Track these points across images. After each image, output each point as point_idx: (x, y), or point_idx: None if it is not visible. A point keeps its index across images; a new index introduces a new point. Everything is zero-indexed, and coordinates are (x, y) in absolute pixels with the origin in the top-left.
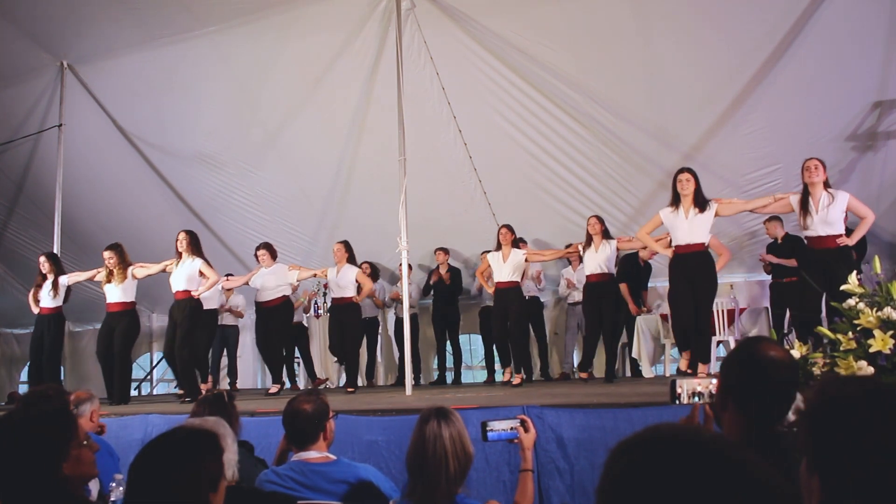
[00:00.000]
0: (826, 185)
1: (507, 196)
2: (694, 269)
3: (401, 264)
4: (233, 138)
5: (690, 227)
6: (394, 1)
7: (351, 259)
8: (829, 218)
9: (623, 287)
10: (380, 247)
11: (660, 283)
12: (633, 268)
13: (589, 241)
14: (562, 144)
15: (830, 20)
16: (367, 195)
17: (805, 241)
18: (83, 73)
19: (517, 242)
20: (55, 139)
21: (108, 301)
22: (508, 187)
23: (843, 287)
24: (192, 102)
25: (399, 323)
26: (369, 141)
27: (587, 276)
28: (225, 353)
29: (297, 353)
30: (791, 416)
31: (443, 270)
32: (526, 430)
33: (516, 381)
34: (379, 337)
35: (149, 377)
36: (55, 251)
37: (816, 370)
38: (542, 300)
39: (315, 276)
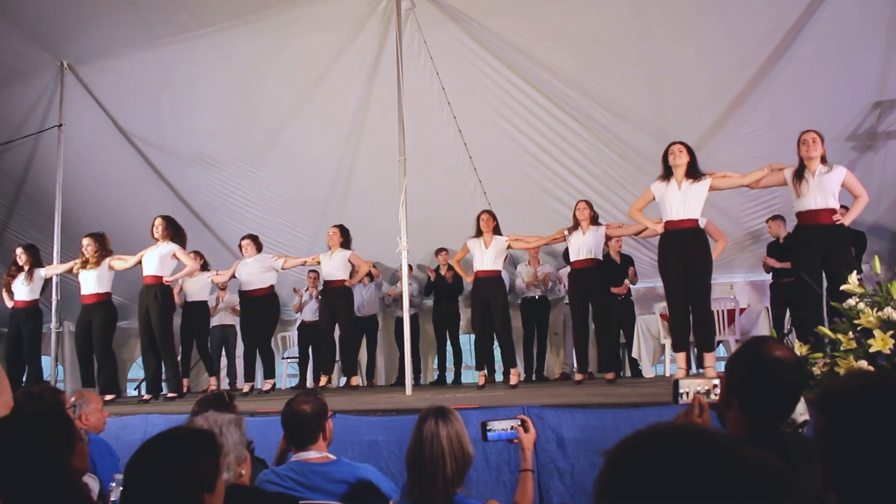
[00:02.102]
0: (823, 159)
1: (507, 196)
2: (687, 245)
3: (401, 264)
4: (233, 138)
5: (684, 199)
6: (394, 1)
7: (345, 244)
8: (824, 184)
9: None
10: (380, 247)
11: (659, 283)
12: (607, 266)
13: (575, 226)
14: (562, 144)
15: (830, 20)
16: (367, 195)
17: (797, 219)
18: (83, 73)
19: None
20: (55, 139)
21: (82, 292)
22: (508, 187)
23: (843, 287)
24: (192, 102)
25: (399, 323)
26: (369, 141)
27: (572, 263)
28: (224, 352)
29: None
30: (797, 418)
31: (443, 271)
32: (526, 430)
33: (514, 380)
34: (379, 336)
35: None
36: (55, 251)
37: (817, 370)
38: (549, 299)
39: (305, 263)
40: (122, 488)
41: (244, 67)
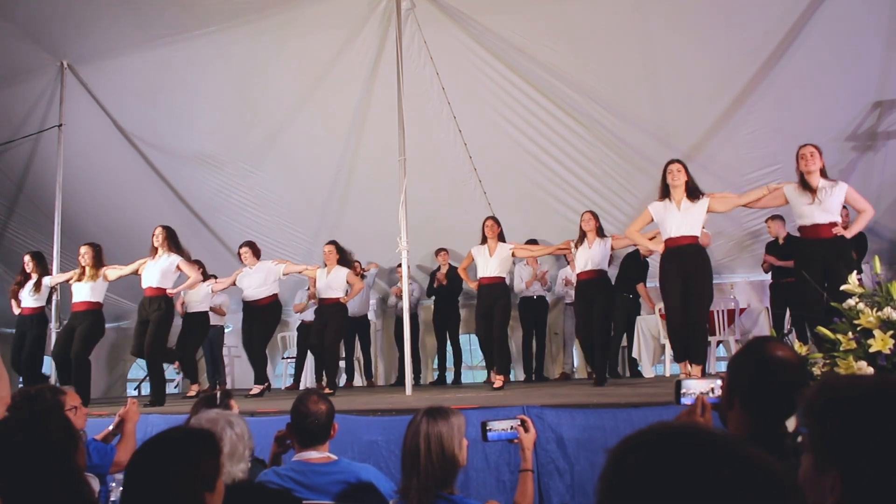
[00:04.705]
0: (823, 173)
1: (507, 196)
2: (688, 262)
3: (400, 264)
4: (233, 138)
5: (684, 219)
6: (394, 1)
7: (342, 260)
8: (826, 205)
9: (640, 287)
10: (380, 247)
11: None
12: (638, 265)
13: (582, 237)
14: (562, 144)
15: (830, 20)
16: (367, 195)
17: (800, 233)
18: (83, 73)
19: (503, 236)
20: (55, 139)
21: (74, 300)
22: (508, 187)
23: (843, 287)
24: (192, 102)
25: (399, 323)
26: (369, 141)
27: (578, 274)
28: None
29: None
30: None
31: (443, 271)
32: (526, 430)
33: (498, 383)
34: (378, 335)
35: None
36: (55, 251)
37: (816, 370)
38: (547, 299)
39: (302, 272)
40: (122, 487)
41: (244, 67)
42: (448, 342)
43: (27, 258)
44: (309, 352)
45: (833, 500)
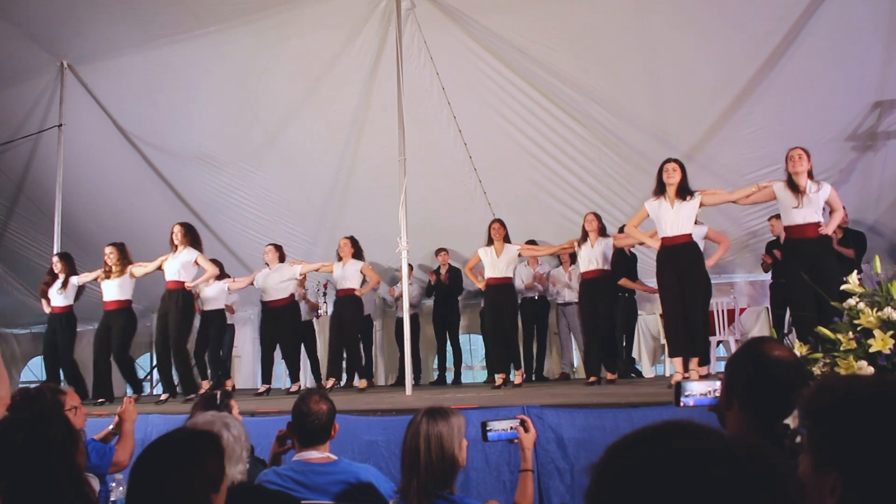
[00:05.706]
0: (810, 175)
1: (507, 196)
2: (682, 261)
3: (401, 265)
4: (233, 138)
5: (677, 217)
6: (394, 1)
7: (357, 254)
8: (814, 202)
9: (625, 281)
10: (380, 247)
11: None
12: (623, 260)
13: (584, 237)
14: (562, 144)
15: (830, 20)
16: (367, 195)
17: (785, 232)
18: (83, 73)
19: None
20: (55, 139)
21: (104, 299)
22: (508, 187)
23: (843, 287)
24: (192, 102)
25: (399, 323)
26: (369, 141)
27: (582, 273)
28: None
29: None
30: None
31: (443, 271)
32: (526, 430)
33: (499, 381)
34: (378, 335)
35: (149, 377)
36: (55, 251)
37: (816, 370)
38: (548, 300)
39: (318, 270)
40: (126, 488)
41: (244, 67)
42: (448, 342)
43: (55, 259)
44: (305, 352)
45: (834, 502)
